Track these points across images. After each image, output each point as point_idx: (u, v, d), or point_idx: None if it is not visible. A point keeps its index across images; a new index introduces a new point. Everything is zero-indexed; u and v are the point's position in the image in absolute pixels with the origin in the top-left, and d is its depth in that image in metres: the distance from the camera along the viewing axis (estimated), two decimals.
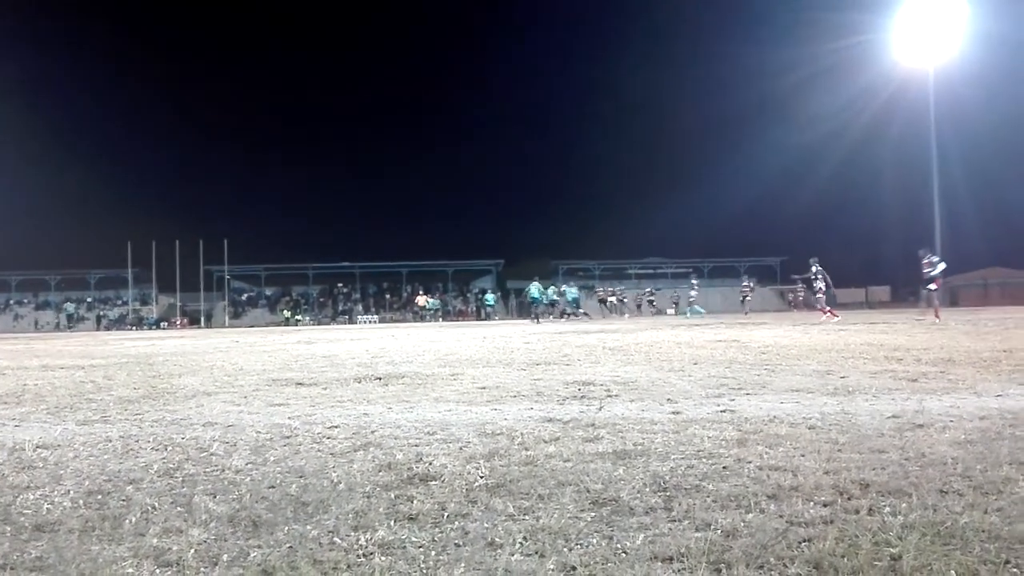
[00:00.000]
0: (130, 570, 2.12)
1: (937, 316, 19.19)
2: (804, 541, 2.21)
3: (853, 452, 3.40)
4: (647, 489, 2.84)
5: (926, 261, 20.58)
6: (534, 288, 35.70)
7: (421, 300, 53.51)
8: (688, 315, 36.15)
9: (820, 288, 23.88)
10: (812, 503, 2.60)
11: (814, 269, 24.00)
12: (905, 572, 1.97)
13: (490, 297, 49.19)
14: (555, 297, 40.67)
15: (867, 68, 55.68)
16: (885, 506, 2.53)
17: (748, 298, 36.47)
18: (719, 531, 2.32)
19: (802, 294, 38.38)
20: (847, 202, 74.09)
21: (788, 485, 2.83)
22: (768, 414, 4.50)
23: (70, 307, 56.92)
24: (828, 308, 23.41)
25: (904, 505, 2.53)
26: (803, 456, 3.34)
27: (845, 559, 2.06)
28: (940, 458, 3.23)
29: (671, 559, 2.11)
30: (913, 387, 5.64)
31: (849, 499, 2.64)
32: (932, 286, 20.21)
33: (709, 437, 3.82)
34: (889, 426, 4.03)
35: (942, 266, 20.30)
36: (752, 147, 76.78)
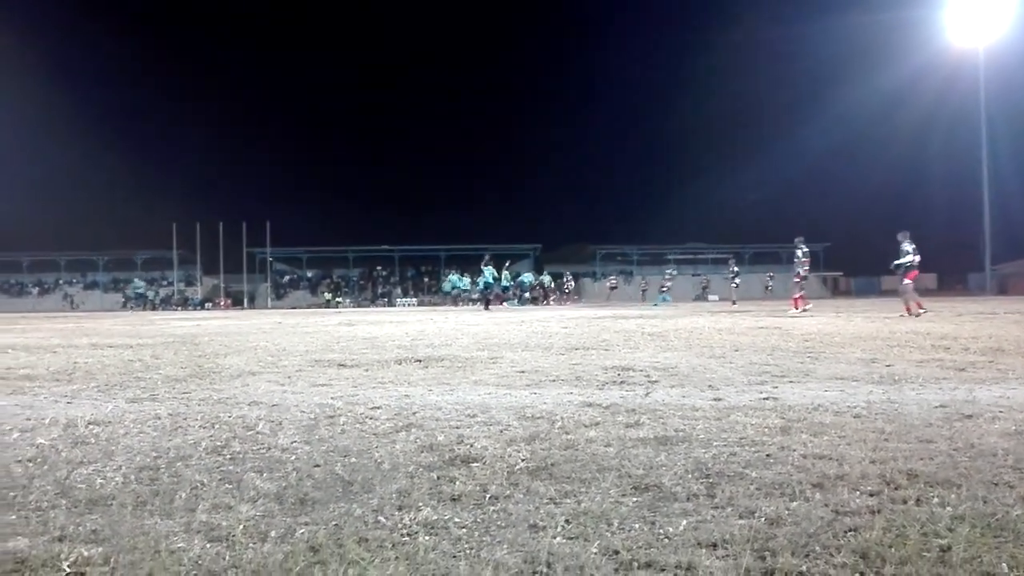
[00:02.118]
0: (182, 544, 2.17)
1: (908, 311, 16.21)
2: (850, 530, 2.19)
3: (900, 442, 3.35)
4: (689, 475, 2.83)
5: (905, 247, 17.25)
6: (488, 273, 34.33)
7: (448, 283, 48.67)
8: (657, 304, 34.60)
9: (799, 273, 21.14)
10: (858, 492, 2.57)
11: (800, 252, 21.24)
12: (955, 564, 1.95)
13: (459, 279, 44.56)
14: (508, 283, 39.47)
15: (915, 48, 54.36)
16: (934, 497, 2.49)
17: (735, 285, 33.67)
18: (763, 519, 2.31)
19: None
20: (893, 187, 72.63)
21: (833, 474, 2.80)
22: (812, 402, 4.45)
23: (139, 284, 57.55)
24: (799, 296, 20.96)
25: (953, 496, 2.49)
26: (849, 445, 3.29)
27: (893, 549, 2.03)
28: (990, 449, 3.17)
29: (715, 546, 2.11)
30: (961, 376, 5.53)
31: (896, 489, 2.60)
32: (906, 280, 16.97)
33: (752, 424, 3.79)
34: (937, 416, 3.96)
35: (909, 257, 17.03)
36: (796, 130, 75.51)
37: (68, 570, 2.00)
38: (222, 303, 58.14)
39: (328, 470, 3.01)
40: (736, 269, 34.87)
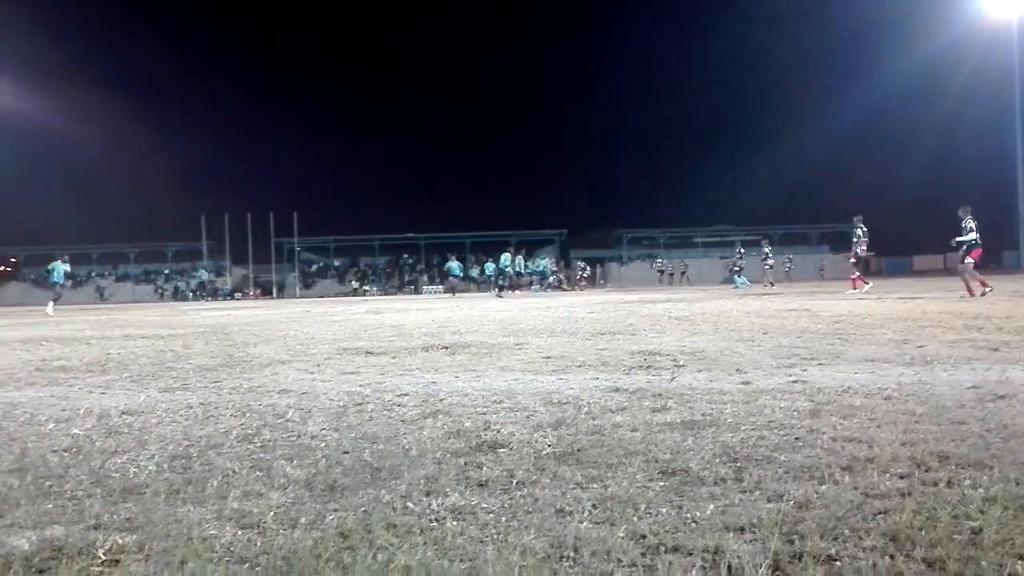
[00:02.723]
0: (213, 532, 2.21)
1: (970, 292, 14.79)
2: (880, 513, 2.17)
3: (931, 423, 3.31)
4: (717, 460, 2.82)
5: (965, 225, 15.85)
6: (504, 259, 33.22)
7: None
8: (738, 287, 31.26)
9: (857, 252, 20.24)
10: (888, 475, 2.54)
11: (859, 231, 20.21)
12: (986, 546, 1.92)
13: (454, 266, 40.15)
14: (520, 269, 37.84)
15: (947, 20, 52.97)
16: (965, 479, 2.46)
17: (769, 267, 32.92)
18: (792, 502, 2.30)
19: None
20: (925, 164, 71.21)
21: (863, 456, 2.78)
22: (842, 384, 4.41)
23: (204, 274, 59.50)
24: (857, 276, 20.15)
25: (985, 478, 2.46)
26: (879, 427, 3.26)
27: (923, 532, 2.01)
28: (1023, 430, 3.13)
29: (743, 529, 2.10)
30: (995, 357, 5.44)
31: (927, 471, 2.57)
32: (968, 259, 15.58)
33: (780, 408, 3.77)
34: (969, 397, 3.91)
35: (973, 235, 15.74)
36: (823, 108, 74.29)
37: (104, 557, 2.04)
38: (251, 293, 58.74)
39: (357, 457, 3.04)
40: (768, 251, 34.27)
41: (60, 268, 25.00)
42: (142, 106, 77.76)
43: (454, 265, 40.10)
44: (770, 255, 33.86)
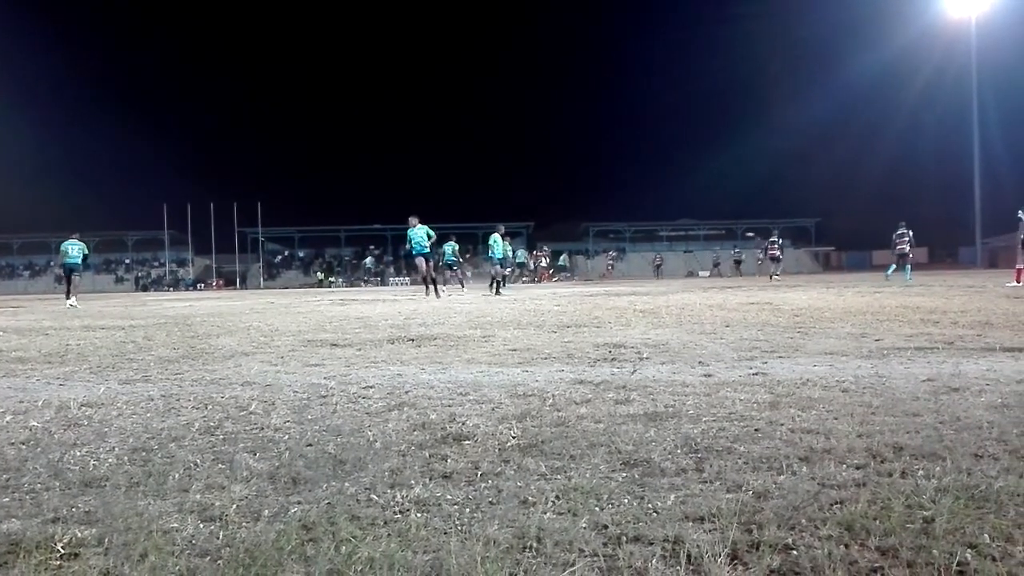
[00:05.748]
0: (175, 524, 2.19)
1: None
2: (836, 503, 2.22)
3: (887, 415, 3.38)
4: (678, 451, 2.86)
5: None
6: (493, 243, 24.56)
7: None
8: (908, 279, 23.61)
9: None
10: (845, 466, 2.60)
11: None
12: (938, 535, 1.98)
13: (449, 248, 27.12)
14: (519, 259, 32.06)
15: (908, 19, 53.93)
16: (919, 469, 2.53)
17: (776, 258, 32.65)
18: (751, 492, 2.34)
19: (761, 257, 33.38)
20: (884, 161, 72.41)
21: (820, 448, 2.84)
22: (801, 377, 4.49)
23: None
24: (1021, 267, 17.98)
25: (938, 469, 2.53)
26: (836, 419, 3.33)
27: (877, 521, 2.06)
28: (975, 422, 3.21)
29: (702, 519, 2.14)
30: (949, 350, 5.57)
31: (882, 462, 2.64)
32: None
33: (741, 400, 3.83)
34: (924, 389, 4.00)
35: None
36: (786, 105, 75.21)
37: (62, 551, 2.02)
38: (214, 283, 57.98)
39: (320, 449, 3.03)
40: (773, 240, 33.78)
41: (77, 246, 20.66)
42: (102, 93, 76.38)
43: (449, 247, 27.49)
44: (771, 244, 33.46)
